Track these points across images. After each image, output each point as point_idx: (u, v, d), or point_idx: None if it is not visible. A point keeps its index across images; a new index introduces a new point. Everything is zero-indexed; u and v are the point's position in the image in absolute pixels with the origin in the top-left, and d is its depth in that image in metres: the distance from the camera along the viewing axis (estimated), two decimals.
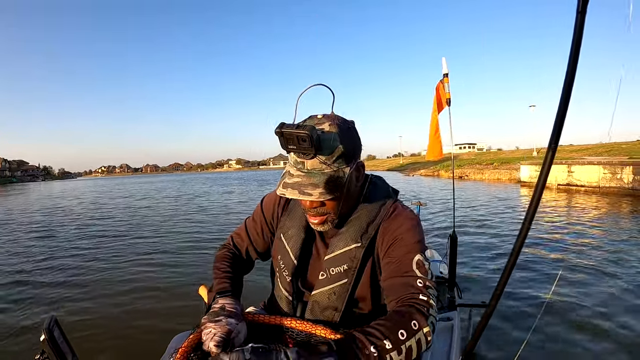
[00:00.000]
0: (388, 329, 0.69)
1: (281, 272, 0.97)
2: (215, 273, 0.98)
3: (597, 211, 8.31)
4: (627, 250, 4.69)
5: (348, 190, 0.85)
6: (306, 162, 0.79)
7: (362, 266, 0.88)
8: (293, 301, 0.95)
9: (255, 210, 1.08)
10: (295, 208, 0.99)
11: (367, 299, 0.90)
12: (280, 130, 0.74)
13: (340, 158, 0.80)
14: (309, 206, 0.85)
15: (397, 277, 0.81)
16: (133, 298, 3.46)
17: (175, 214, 10.47)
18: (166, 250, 5.36)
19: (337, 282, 0.88)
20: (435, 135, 2.65)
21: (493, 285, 3.46)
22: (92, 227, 8.27)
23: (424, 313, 0.72)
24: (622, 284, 3.47)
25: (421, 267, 0.80)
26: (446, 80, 2.43)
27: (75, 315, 3.11)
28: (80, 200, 17.67)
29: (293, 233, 0.96)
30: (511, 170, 20.01)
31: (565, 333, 2.57)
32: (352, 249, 0.87)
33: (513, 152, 36.29)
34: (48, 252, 5.77)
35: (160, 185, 33.30)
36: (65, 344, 0.74)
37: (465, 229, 6.40)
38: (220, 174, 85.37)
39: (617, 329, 2.60)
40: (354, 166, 0.84)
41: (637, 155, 15.98)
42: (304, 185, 0.78)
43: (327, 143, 0.78)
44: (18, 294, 3.73)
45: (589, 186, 12.56)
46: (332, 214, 0.86)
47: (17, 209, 14.54)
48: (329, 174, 0.79)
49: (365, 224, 0.89)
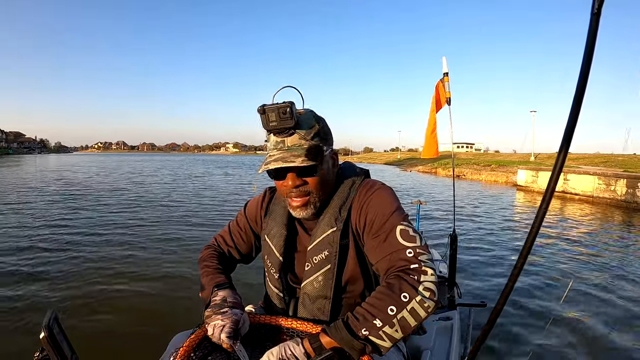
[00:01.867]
0: (377, 307, 0.71)
1: (269, 271, 0.99)
2: (205, 270, 0.98)
3: (591, 218, 8.42)
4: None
5: (327, 171, 0.89)
6: (286, 139, 0.83)
7: (343, 249, 0.88)
8: (284, 297, 0.97)
9: (239, 215, 1.10)
10: (276, 208, 1.01)
11: (358, 281, 0.91)
12: (262, 108, 0.79)
13: (317, 135, 0.85)
14: (291, 185, 0.85)
15: (386, 256, 0.80)
16: (134, 296, 3.40)
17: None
18: (171, 251, 5.08)
19: (321, 270, 0.89)
20: (432, 134, 2.64)
21: (493, 285, 3.57)
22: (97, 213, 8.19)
23: (413, 283, 0.71)
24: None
25: (406, 236, 0.79)
26: (446, 79, 2.41)
27: (75, 315, 3.05)
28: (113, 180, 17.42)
29: (276, 231, 0.98)
30: (508, 173, 20.12)
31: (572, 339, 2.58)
32: (329, 235, 0.88)
33: (510, 156, 36.39)
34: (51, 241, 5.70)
35: (175, 165, 32.89)
36: (64, 342, 0.73)
37: (465, 229, 6.46)
38: (219, 157, 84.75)
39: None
40: (330, 151, 0.89)
41: (632, 168, 16.16)
42: (286, 157, 0.81)
43: (305, 120, 0.84)
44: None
45: (583, 195, 12.75)
46: (313, 193, 0.87)
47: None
48: (309, 146, 0.83)
49: (338, 208, 0.90)
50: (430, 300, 0.71)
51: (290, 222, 0.97)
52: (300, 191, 0.86)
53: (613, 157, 23.24)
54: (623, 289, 3.66)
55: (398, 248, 0.78)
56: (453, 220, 2.61)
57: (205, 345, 0.83)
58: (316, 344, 0.72)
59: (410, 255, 0.76)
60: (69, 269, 4.03)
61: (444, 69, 2.43)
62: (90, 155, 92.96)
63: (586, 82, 0.55)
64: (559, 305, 3.19)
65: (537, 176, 15.54)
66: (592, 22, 0.51)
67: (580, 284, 3.76)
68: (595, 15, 0.51)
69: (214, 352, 0.83)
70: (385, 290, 0.73)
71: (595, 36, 0.52)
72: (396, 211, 0.84)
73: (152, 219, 6.85)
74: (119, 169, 24.07)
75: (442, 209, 8.95)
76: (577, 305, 3.23)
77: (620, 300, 3.38)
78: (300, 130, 0.82)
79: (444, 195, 12.46)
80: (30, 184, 12.80)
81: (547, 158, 27.55)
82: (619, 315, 3.07)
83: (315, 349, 0.71)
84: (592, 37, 0.52)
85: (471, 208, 9.45)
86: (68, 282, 3.66)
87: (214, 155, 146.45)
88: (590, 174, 12.94)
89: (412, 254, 0.76)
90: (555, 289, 3.61)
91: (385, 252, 0.80)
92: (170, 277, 3.88)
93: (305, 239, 0.96)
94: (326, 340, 0.72)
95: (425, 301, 0.70)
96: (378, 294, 0.74)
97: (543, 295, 3.48)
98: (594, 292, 3.54)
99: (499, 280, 3.79)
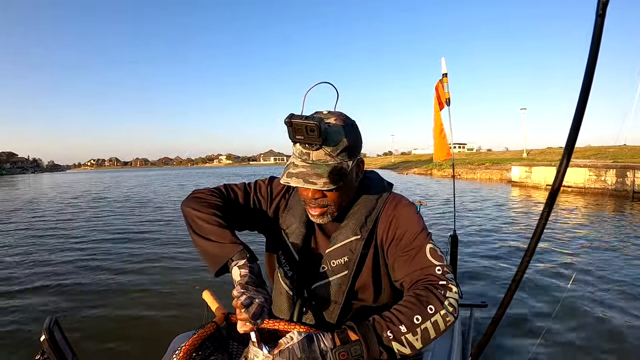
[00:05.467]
0: (404, 314, 0.73)
1: (282, 267, 0.97)
2: (217, 222, 0.87)
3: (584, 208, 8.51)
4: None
5: (349, 184, 0.88)
6: (312, 153, 0.81)
7: (362, 258, 0.90)
8: (293, 296, 0.95)
9: (260, 185, 1.03)
10: (295, 205, 1.00)
11: (368, 290, 0.92)
12: (289, 121, 0.76)
13: (344, 151, 0.83)
14: (311, 197, 0.86)
15: (416, 270, 0.83)
16: (134, 298, 3.41)
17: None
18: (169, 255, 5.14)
19: (338, 274, 0.89)
20: (441, 135, 2.63)
21: (493, 284, 3.57)
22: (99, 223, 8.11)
23: (440, 297, 0.75)
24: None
25: (435, 255, 0.83)
26: (445, 80, 2.43)
27: (75, 314, 3.07)
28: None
29: (294, 228, 0.97)
30: (502, 171, 20.47)
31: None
32: (352, 241, 0.89)
33: (503, 153, 36.70)
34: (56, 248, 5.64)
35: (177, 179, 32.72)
36: (65, 344, 0.73)
37: (464, 228, 6.48)
38: (213, 169, 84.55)
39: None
40: (356, 161, 0.88)
41: (621, 159, 16.62)
42: (309, 175, 0.80)
43: (332, 136, 0.81)
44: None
45: (575, 187, 13.22)
46: (332, 206, 0.87)
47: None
48: (333, 166, 0.81)
49: (364, 217, 0.91)
50: (452, 315, 0.74)
51: (309, 221, 0.96)
52: (319, 203, 0.87)
53: (604, 149, 23.59)
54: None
55: (428, 265, 0.82)
56: (453, 221, 2.62)
57: (206, 346, 0.83)
58: (342, 334, 0.72)
59: (439, 272, 0.80)
60: (69, 269, 4.02)
61: (442, 69, 2.45)
62: (85, 173, 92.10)
63: (591, 82, 0.56)
64: (561, 302, 3.20)
65: (531, 172, 15.88)
66: (597, 24, 0.53)
67: (581, 276, 3.78)
68: (600, 17, 0.52)
69: (215, 352, 0.83)
70: (413, 299, 0.75)
71: (600, 37, 0.53)
72: (424, 230, 0.88)
73: (166, 219, 6.84)
74: (145, 185, 23.49)
75: (442, 209, 8.99)
76: (580, 300, 3.24)
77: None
78: (326, 147, 0.81)
79: (443, 195, 12.56)
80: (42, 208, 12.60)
81: (539, 154, 27.86)
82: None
83: (342, 339, 0.71)
84: (597, 39, 0.53)
85: (469, 206, 9.51)
86: (68, 282, 3.65)
87: (208, 167, 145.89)
88: (581, 166, 13.39)
89: (440, 272, 0.80)
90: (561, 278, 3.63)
91: (415, 267, 0.83)
92: (171, 277, 3.88)
93: (321, 240, 0.96)
94: (350, 334, 0.72)
95: (447, 315, 0.74)
96: (406, 302, 0.76)
97: (542, 294, 3.49)
98: (596, 283, 3.57)
99: (499, 280, 3.78)
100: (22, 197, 16.65)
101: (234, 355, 0.88)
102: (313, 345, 0.68)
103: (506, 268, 4.14)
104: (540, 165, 16.08)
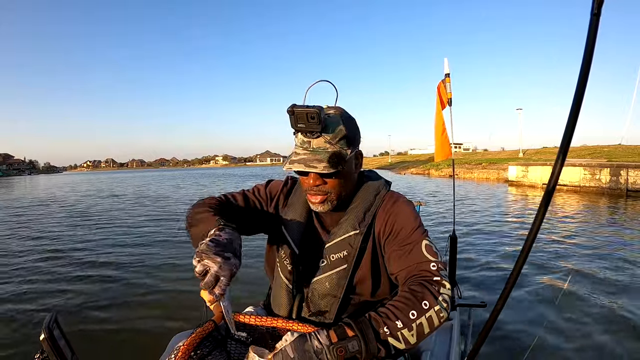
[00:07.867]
0: (400, 310, 0.74)
1: (282, 261, 0.98)
2: (207, 210, 0.89)
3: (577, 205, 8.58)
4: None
5: (348, 172, 0.91)
6: (312, 141, 0.86)
7: (360, 252, 0.92)
8: (293, 290, 0.97)
9: (258, 188, 1.08)
10: (296, 202, 1.02)
11: (367, 285, 0.93)
12: (292, 109, 0.80)
13: (343, 139, 0.87)
14: (312, 184, 0.89)
15: (411, 265, 0.84)
16: (134, 297, 3.40)
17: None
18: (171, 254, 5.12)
19: (337, 268, 0.92)
20: (443, 135, 2.63)
21: (493, 284, 3.58)
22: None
23: (434, 293, 0.76)
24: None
25: (431, 251, 0.84)
26: (448, 80, 2.43)
27: (74, 313, 3.06)
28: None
29: (294, 223, 0.99)
30: (499, 170, 20.63)
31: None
32: (351, 236, 0.92)
33: (499, 153, 36.84)
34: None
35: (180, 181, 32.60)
36: (65, 343, 0.73)
37: (463, 227, 6.49)
38: (209, 170, 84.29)
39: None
40: (354, 152, 0.92)
41: (616, 158, 16.80)
42: (310, 160, 0.84)
43: (332, 124, 0.86)
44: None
45: (571, 185, 13.42)
46: (332, 193, 0.91)
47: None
48: (333, 152, 0.85)
49: (362, 212, 0.94)
50: (445, 311, 0.76)
51: (309, 216, 0.99)
52: (320, 190, 0.90)
53: (599, 148, 23.75)
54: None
55: (423, 260, 0.83)
56: (453, 221, 2.61)
57: (205, 345, 0.83)
58: (339, 331, 0.72)
59: (434, 268, 0.81)
60: (69, 270, 4.00)
61: (445, 69, 2.45)
62: (82, 174, 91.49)
63: (586, 82, 0.57)
64: (560, 299, 3.22)
65: (527, 171, 16.02)
66: (592, 23, 0.53)
67: (578, 274, 3.81)
68: (595, 16, 0.52)
69: (214, 351, 0.83)
70: (409, 295, 0.76)
71: (595, 37, 0.54)
72: (420, 226, 0.90)
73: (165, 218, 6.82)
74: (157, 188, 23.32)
75: (441, 210, 9.01)
76: (578, 296, 3.26)
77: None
78: (326, 134, 0.85)
79: (442, 195, 12.61)
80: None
81: (535, 153, 28.01)
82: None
83: (339, 335, 0.71)
84: (592, 38, 0.54)
85: (468, 206, 9.55)
86: (68, 283, 3.64)
87: (205, 168, 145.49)
88: (576, 165, 13.58)
89: (435, 268, 0.81)
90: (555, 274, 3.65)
91: (410, 262, 0.84)
92: (170, 276, 3.88)
93: (321, 235, 0.98)
94: (348, 331, 0.72)
95: (441, 311, 0.75)
96: (401, 298, 0.77)
97: (543, 291, 3.50)
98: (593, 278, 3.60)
99: (499, 280, 3.79)
100: (21, 198, 16.51)
101: (232, 354, 0.88)
102: (306, 344, 0.69)
103: (506, 268, 4.15)
104: (536, 164, 16.23)
